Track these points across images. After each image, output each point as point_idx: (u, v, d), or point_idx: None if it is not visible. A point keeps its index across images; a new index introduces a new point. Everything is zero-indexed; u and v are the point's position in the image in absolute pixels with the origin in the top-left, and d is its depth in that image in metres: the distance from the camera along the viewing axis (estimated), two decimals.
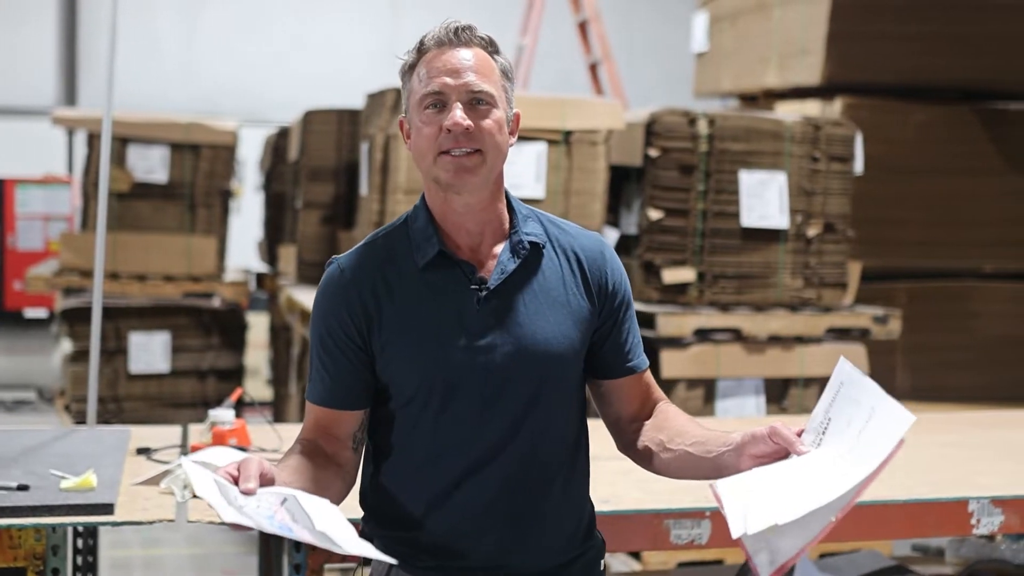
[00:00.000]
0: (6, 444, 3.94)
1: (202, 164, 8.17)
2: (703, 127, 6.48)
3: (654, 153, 6.41)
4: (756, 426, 2.54)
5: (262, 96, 19.31)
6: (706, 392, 6.44)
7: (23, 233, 16.69)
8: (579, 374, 2.77)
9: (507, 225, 2.73)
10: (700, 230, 6.50)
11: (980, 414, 5.94)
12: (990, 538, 5.28)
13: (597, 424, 2.87)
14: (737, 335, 6.49)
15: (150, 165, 8.05)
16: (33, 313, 16.91)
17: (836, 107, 7.77)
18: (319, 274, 2.76)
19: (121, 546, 7.36)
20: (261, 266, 10.67)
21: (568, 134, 6.33)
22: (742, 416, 6.30)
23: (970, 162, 8.10)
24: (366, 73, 13.83)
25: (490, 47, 2.69)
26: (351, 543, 2.28)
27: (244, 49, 19.76)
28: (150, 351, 8.06)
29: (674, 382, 6.30)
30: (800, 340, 6.61)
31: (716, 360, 6.41)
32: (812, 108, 7.93)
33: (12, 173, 16.89)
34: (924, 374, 7.89)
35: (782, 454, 2.46)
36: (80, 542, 4.68)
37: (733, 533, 2.29)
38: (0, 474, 3.49)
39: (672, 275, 6.45)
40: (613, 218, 6.80)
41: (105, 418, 7.55)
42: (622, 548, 4.54)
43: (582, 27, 12.76)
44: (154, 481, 3.58)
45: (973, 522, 3.72)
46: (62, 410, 8.28)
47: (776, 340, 6.55)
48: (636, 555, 5.88)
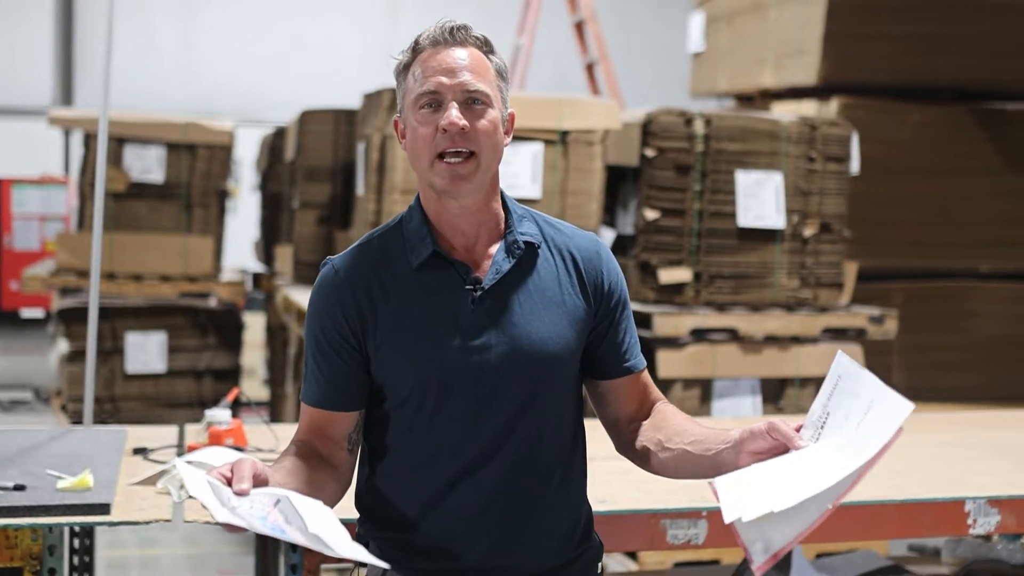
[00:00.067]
0: (2, 444, 3.93)
1: (198, 164, 8.17)
2: (699, 127, 6.48)
3: (650, 153, 6.41)
4: (754, 423, 2.54)
5: (259, 96, 19.30)
6: (702, 392, 6.44)
7: (19, 233, 16.67)
8: (575, 374, 2.77)
9: (502, 225, 2.73)
10: (696, 230, 6.50)
11: (976, 414, 5.94)
12: (986, 538, 5.28)
13: (594, 424, 2.87)
14: (733, 335, 6.49)
15: (146, 165, 8.05)
16: (29, 313, 16.90)
17: (832, 107, 7.77)
18: (315, 274, 2.76)
19: (118, 546, 7.35)
20: (257, 266, 10.66)
21: (564, 134, 6.33)
22: (738, 416, 6.30)
23: (966, 162, 8.11)
24: (363, 73, 13.81)
25: (485, 47, 2.69)
26: (344, 546, 2.27)
27: (241, 49, 19.75)
28: (146, 351, 8.06)
29: (670, 382, 6.30)
30: (796, 340, 6.61)
31: (712, 360, 6.41)
32: (808, 108, 7.94)
33: (8, 173, 16.87)
34: (920, 374, 7.89)
35: (781, 449, 2.45)
36: (77, 542, 4.68)
37: (726, 518, 2.29)
38: None
39: (668, 275, 6.45)
40: (609, 218, 6.80)
41: (101, 418, 7.56)
42: (618, 548, 4.53)
43: (579, 27, 12.75)
44: (151, 481, 3.58)
45: (969, 522, 3.72)
46: (58, 410, 8.28)
47: (772, 340, 6.55)
48: (633, 555, 5.88)
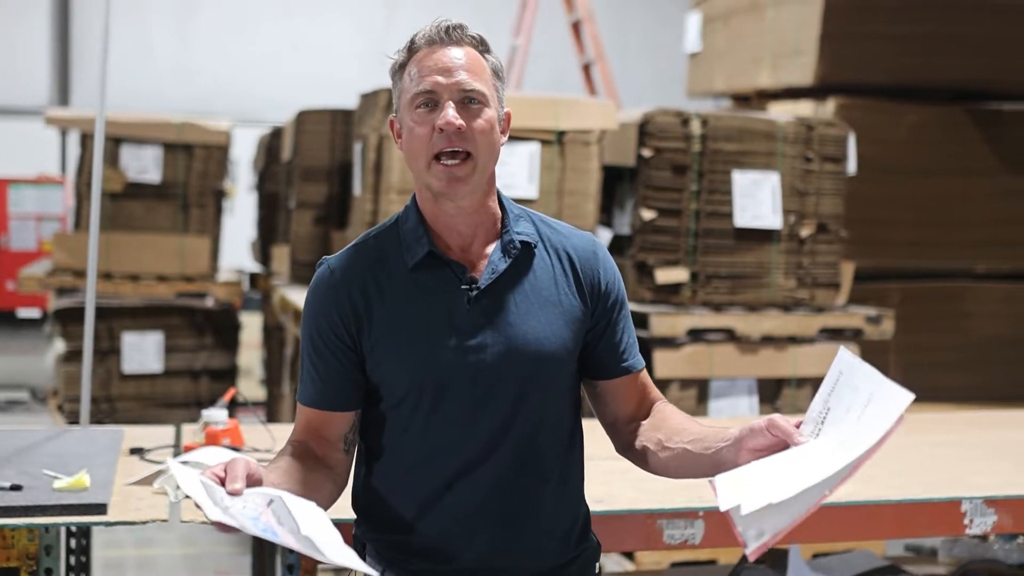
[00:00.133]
0: None
1: (195, 164, 8.17)
2: (696, 127, 6.48)
3: (647, 153, 6.41)
4: (754, 420, 2.53)
5: (255, 96, 19.30)
6: (699, 392, 6.44)
7: (16, 233, 16.66)
8: (572, 374, 2.76)
9: (499, 225, 2.73)
10: (693, 230, 6.50)
11: (973, 414, 5.95)
12: (983, 538, 5.28)
13: (591, 424, 2.87)
14: (730, 335, 6.49)
15: (143, 165, 8.05)
16: (26, 313, 16.89)
17: (829, 107, 7.77)
18: (312, 274, 2.76)
19: (114, 546, 7.35)
20: (254, 266, 10.66)
21: (561, 134, 6.33)
22: (735, 416, 6.30)
23: (963, 162, 8.11)
24: (359, 73, 13.82)
25: (481, 46, 2.68)
26: (335, 551, 2.24)
27: (237, 49, 19.75)
28: (143, 351, 8.06)
29: (667, 382, 6.31)
30: (793, 340, 6.62)
31: (709, 360, 6.42)
32: (805, 108, 7.94)
33: (5, 173, 16.85)
34: (917, 374, 7.87)
35: (781, 446, 2.43)
36: (73, 542, 4.67)
37: (722, 507, 2.28)
38: None
39: (665, 275, 6.45)
40: (606, 218, 6.80)
41: (98, 418, 7.56)
42: (615, 548, 4.54)
43: (575, 27, 12.74)
44: (147, 481, 3.58)
45: (966, 522, 3.72)
46: (55, 410, 8.27)
47: (769, 340, 6.55)
48: (629, 555, 5.88)
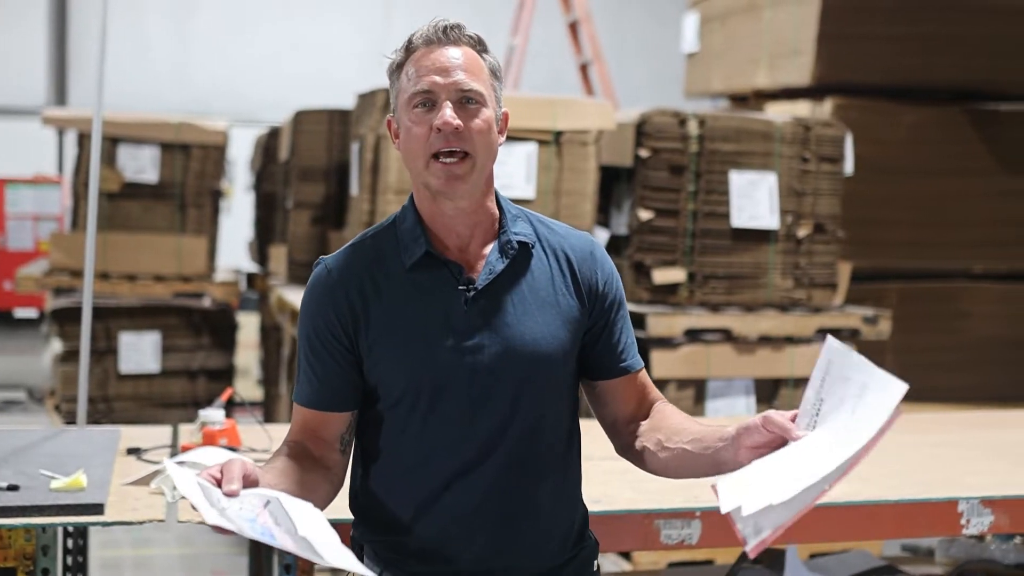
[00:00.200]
0: None
1: (192, 164, 8.16)
2: (693, 127, 6.49)
3: (644, 153, 6.41)
4: (749, 418, 2.52)
5: (253, 96, 19.30)
6: (696, 392, 6.44)
7: (13, 233, 16.66)
8: (570, 375, 2.76)
9: (496, 225, 2.72)
10: (690, 230, 6.51)
11: (970, 414, 5.95)
12: (980, 538, 5.28)
13: (589, 424, 2.86)
14: (727, 335, 6.49)
15: (140, 165, 8.04)
16: (23, 313, 16.89)
17: (826, 108, 7.78)
18: (309, 274, 2.76)
19: (111, 546, 7.35)
20: (251, 266, 10.66)
21: (559, 134, 6.33)
22: (732, 416, 6.30)
23: (960, 163, 8.11)
24: (357, 74, 13.82)
25: (479, 46, 2.68)
26: (333, 552, 2.23)
27: (235, 50, 19.75)
28: (140, 351, 8.05)
29: (664, 382, 6.31)
30: (790, 340, 6.62)
31: (706, 360, 6.42)
32: (802, 109, 7.94)
33: (2, 173, 16.86)
34: (914, 374, 7.78)
35: (778, 442, 2.41)
36: (70, 542, 4.67)
37: (723, 509, 2.27)
38: None
39: (662, 275, 6.45)
40: (603, 218, 6.81)
41: (95, 418, 7.55)
42: (612, 548, 4.54)
43: (573, 27, 12.75)
44: (144, 481, 3.58)
45: (963, 522, 3.72)
46: (52, 410, 8.27)
47: (766, 340, 6.56)
48: (627, 555, 5.88)
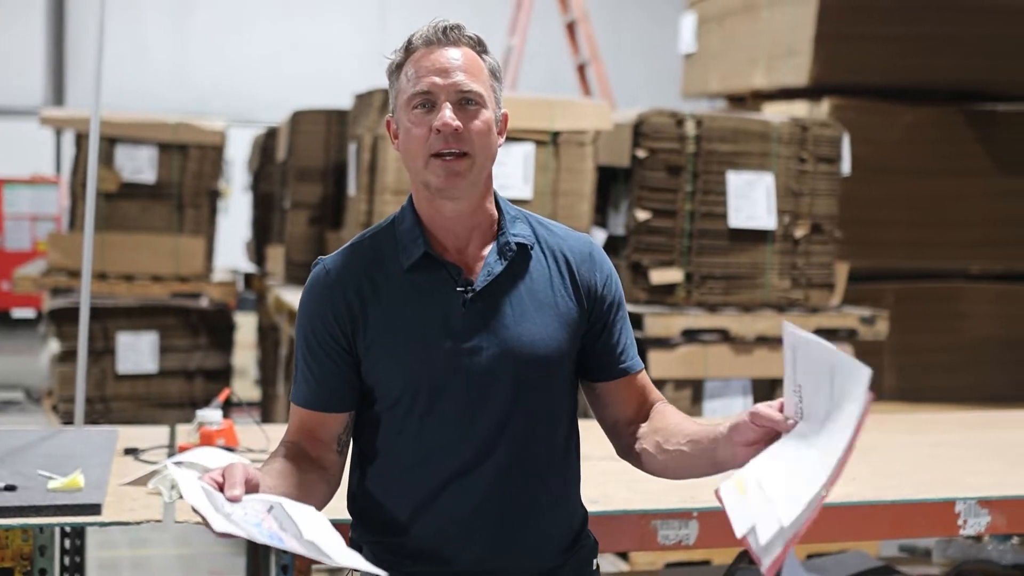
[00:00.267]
0: None
1: (190, 164, 8.16)
2: (691, 128, 6.49)
3: (642, 154, 6.42)
4: (736, 416, 2.50)
5: (250, 96, 19.29)
6: (694, 393, 6.44)
7: (11, 233, 16.66)
8: (568, 376, 2.76)
9: (495, 227, 2.72)
10: (688, 231, 6.51)
11: (967, 415, 5.95)
12: (977, 539, 5.28)
13: (586, 424, 2.86)
14: (725, 336, 6.49)
15: (138, 165, 8.03)
16: (21, 313, 16.88)
17: (823, 108, 7.78)
18: (307, 274, 2.76)
19: (109, 546, 7.35)
20: (249, 266, 10.66)
21: (556, 135, 6.33)
22: (730, 416, 6.30)
23: (957, 163, 8.12)
24: (354, 74, 13.81)
25: (478, 46, 2.68)
26: (340, 554, 2.25)
27: (232, 50, 19.74)
28: (138, 351, 8.05)
29: (662, 383, 6.31)
30: None
31: (704, 361, 6.42)
32: (799, 109, 7.94)
33: (0, 173, 16.86)
34: (911, 375, 7.90)
35: (772, 434, 2.39)
36: (68, 542, 4.67)
37: (738, 534, 2.27)
38: None
39: (660, 276, 6.45)
40: (601, 219, 6.81)
41: (93, 418, 7.54)
42: (610, 548, 4.53)
43: (570, 27, 12.75)
44: (142, 481, 3.58)
45: (960, 523, 3.72)
46: (50, 410, 8.26)
47: (763, 341, 6.55)
48: (624, 555, 5.88)
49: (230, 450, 3.90)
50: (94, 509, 3.24)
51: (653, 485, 3.17)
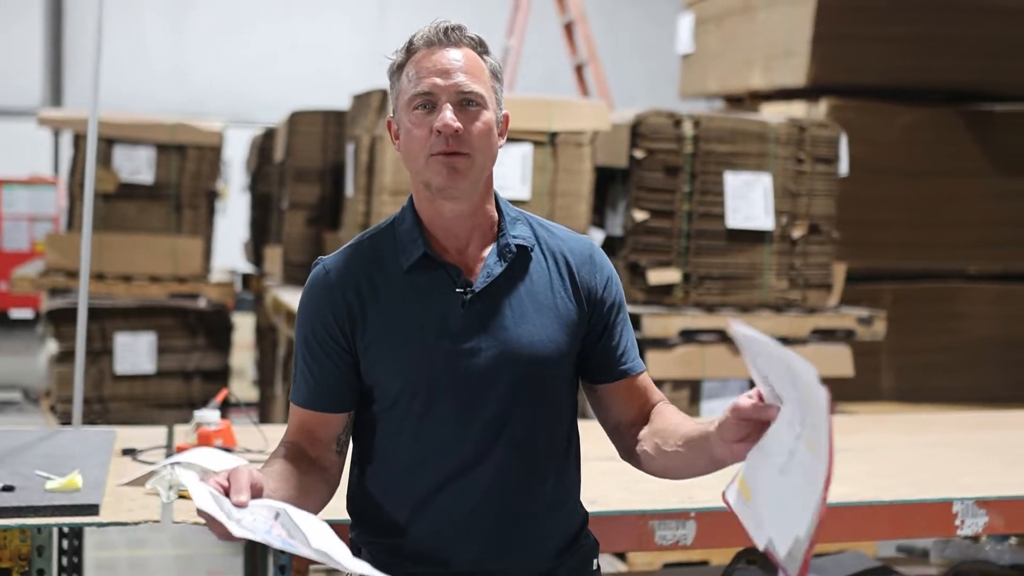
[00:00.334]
0: None
1: (188, 165, 8.16)
2: (688, 128, 6.49)
3: (639, 154, 6.42)
4: (717, 417, 2.45)
5: (248, 97, 19.28)
6: (691, 393, 6.45)
7: (9, 233, 16.65)
8: (568, 378, 2.76)
9: (495, 228, 2.73)
10: (685, 231, 6.51)
11: (965, 415, 5.96)
12: (975, 539, 5.28)
13: (584, 424, 2.86)
14: (722, 336, 6.49)
15: (136, 166, 8.04)
16: (19, 314, 16.87)
17: (821, 108, 7.78)
18: (305, 275, 2.76)
19: (106, 547, 7.34)
20: (247, 267, 10.65)
21: (554, 135, 6.33)
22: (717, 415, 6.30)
23: (955, 164, 8.12)
24: (352, 74, 13.81)
25: (480, 47, 2.68)
26: (350, 561, 2.25)
27: (230, 50, 19.73)
28: (136, 352, 8.05)
29: (659, 383, 6.30)
30: (785, 341, 6.59)
31: (701, 361, 6.42)
32: (797, 110, 7.95)
33: None
34: (909, 375, 7.90)
35: (761, 426, 2.31)
36: (65, 543, 4.67)
37: (760, 546, 2.26)
38: None
39: (657, 276, 6.46)
40: (598, 219, 6.81)
41: (90, 419, 7.54)
42: (607, 549, 4.52)
43: (568, 28, 12.75)
44: (139, 482, 3.58)
45: (957, 523, 3.72)
46: (47, 411, 8.27)
47: None
48: (622, 556, 5.88)
49: (228, 450, 3.90)
50: (92, 509, 3.23)
51: (650, 485, 3.17)
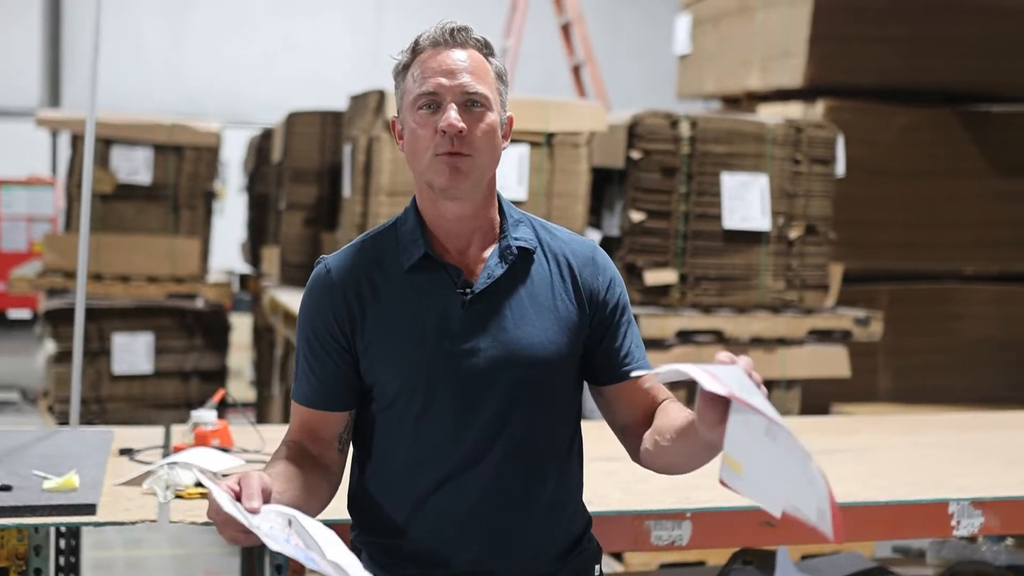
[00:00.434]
0: None
1: (185, 165, 8.17)
2: (685, 129, 6.49)
3: (636, 155, 6.42)
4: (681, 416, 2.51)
5: (246, 97, 19.28)
6: (688, 394, 6.43)
7: (6, 234, 16.63)
8: (569, 380, 2.76)
9: (497, 229, 2.73)
10: (682, 232, 6.51)
11: (961, 416, 5.96)
12: (971, 539, 5.29)
13: (584, 425, 2.86)
14: (719, 337, 6.50)
15: (134, 166, 8.05)
16: (16, 314, 16.86)
17: (818, 109, 7.79)
18: (302, 275, 2.77)
19: (104, 547, 7.34)
20: (244, 267, 10.66)
21: (551, 136, 6.34)
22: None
23: (952, 164, 8.12)
24: (350, 75, 13.83)
25: (485, 49, 2.69)
26: (360, 573, 2.24)
27: (228, 51, 19.73)
28: (133, 352, 8.06)
29: None
30: (782, 342, 6.62)
31: (698, 361, 6.42)
32: (794, 110, 7.95)
33: None
34: (906, 376, 7.91)
35: (721, 406, 2.33)
36: (63, 542, 4.67)
37: (776, 514, 2.24)
38: None
39: (654, 277, 6.46)
40: (595, 220, 6.81)
41: (88, 419, 7.55)
42: (604, 549, 4.54)
43: (565, 29, 12.76)
44: (137, 482, 3.58)
45: (953, 523, 3.72)
46: (45, 411, 8.27)
47: (758, 342, 6.56)
48: (618, 556, 5.89)
49: (225, 451, 3.91)
50: (89, 509, 3.24)
51: (646, 486, 3.18)
